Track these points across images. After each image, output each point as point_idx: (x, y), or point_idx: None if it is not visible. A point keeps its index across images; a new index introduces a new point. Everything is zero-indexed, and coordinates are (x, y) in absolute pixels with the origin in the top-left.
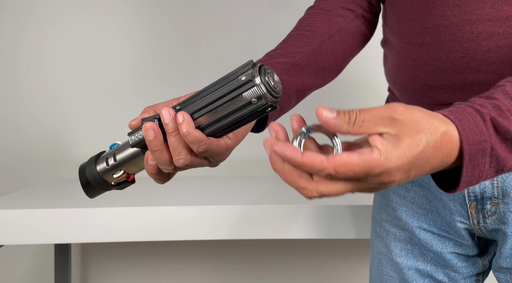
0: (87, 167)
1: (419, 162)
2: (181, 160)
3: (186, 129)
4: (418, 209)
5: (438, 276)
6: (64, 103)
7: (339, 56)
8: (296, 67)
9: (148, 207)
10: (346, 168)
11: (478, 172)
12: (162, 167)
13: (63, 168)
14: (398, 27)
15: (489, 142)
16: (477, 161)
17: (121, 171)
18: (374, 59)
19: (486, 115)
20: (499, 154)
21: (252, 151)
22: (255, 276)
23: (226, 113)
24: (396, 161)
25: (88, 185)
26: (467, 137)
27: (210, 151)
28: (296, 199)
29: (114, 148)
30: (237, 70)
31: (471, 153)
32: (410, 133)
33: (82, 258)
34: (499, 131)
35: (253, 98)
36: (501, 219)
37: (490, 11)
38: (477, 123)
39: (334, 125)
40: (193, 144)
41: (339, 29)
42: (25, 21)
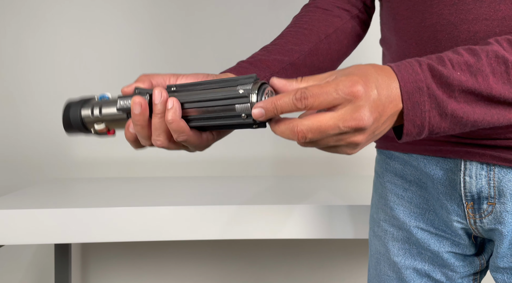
0: (73, 107)
1: (369, 72)
2: (158, 141)
3: (171, 117)
4: (415, 208)
5: (435, 275)
6: (64, 103)
7: (334, 56)
8: (293, 66)
9: (148, 207)
10: (314, 85)
11: (419, 111)
12: (140, 139)
13: (63, 168)
14: (395, 24)
15: (424, 81)
16: (416, 98)
17: (103, 124)
18: (373, 60)
19: (423, 62)
20: (437, 94)
21: (252, 151)
22: (255, 276)
23: (215, 116)
24: (346, 74)
25: (69, 124)
26: (402, 76)
27: (189, 142)
28: (296, 199)
29: (103, 100)
30: (238, 79)
31: (407, 90)
32: (343, 70)
33: (82, 258)
34: (434, 75)
35: (243, 113)
36: (497, 218)
37: (487, 11)
38: (413, 67)
39: (284, 84)
40: (175, 132)
41: (335, 30)
42: (25, 21)
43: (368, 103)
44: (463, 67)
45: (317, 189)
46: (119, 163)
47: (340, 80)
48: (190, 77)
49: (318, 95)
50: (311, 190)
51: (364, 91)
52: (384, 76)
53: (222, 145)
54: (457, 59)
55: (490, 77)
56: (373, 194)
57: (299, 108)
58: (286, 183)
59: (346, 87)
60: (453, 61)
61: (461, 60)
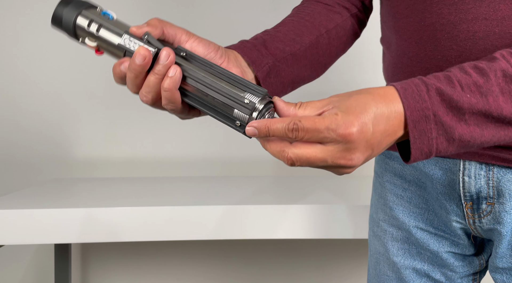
0: (70, 8)
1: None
2: (144, 98)
3: (168, 86)
4: (415, 208)
5: (435, 275)
6: (64, 103)
7: (333, 52)
8: (294, 57)
9: (148, 207)
10: (307, 119)
11: (426, 138)
12: (128, 83)
13: (63, 168)
14: (395, 23)
15: (431, 109)
16: (422, 126)
17: (95, 43)
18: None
19: (431, 85)
20: (444, 121)
21: (252, 151)
22: (255, 276)
23: (211, 106)
24: (345, 117)
25: (59, 22)
26: (408, 104)
27: (175, 111)
28: (296, 199)
29: (105, 19)
30: (250, 86)
31: (414, 118)
32: (343, 101)
33: (82, 258)
34: (444, 99)
35: (238, 121)
36: (496, 218)
37: (487, 10)
38: (420, 92)
39: (283, 107)
40: (166, 99)
41: (335, 26)
42: (25, 21)
43: (361, 145)
44: (473, 88)
45: (317, 189)
46: (119, 163)
47: (335, 118)
48: (203, 43)
49: (309, 131)
50: (311, 190)
51: (358, 134)
52: (384, 107)
53: (222, 144)
54: (466, 80)
55: (500, 97)
56: (372, 194)
57: (290, 137)
58: (286, 183)
59: (339, 129)
60: (461, 82)
61: (470, 81)
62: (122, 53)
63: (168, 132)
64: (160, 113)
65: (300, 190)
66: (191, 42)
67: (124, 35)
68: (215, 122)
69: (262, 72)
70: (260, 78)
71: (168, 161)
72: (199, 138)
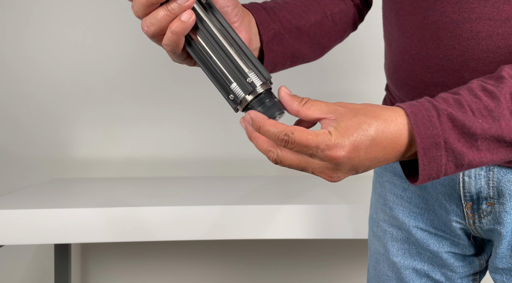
0: None
1: (363, 140)
2: (145, 28)
3: (176, 28)
4: (414, 208)
5: (435, 275)
6: (64, 103)
7: (333, 36)
8: (298, 31)
9: (148, 207)
10: (301, 133)
11: (435, 165)
12: (134, 5)
13: (63, 168)
14: (397, 19)
15: (442, 136)
16: (432, 153)
17: None
18: (373, 56)
19: (442, 111)
20: (455, 147)
21: (252, 151)
22: (255, 276)
23: (211, 67)
24: (339, 138)
25: None
26: (419, 131)
27: (171, 54)
28: (296, 199)
29: None
30: (258, 65)
31: (424, 145)
32: (348, 117)
33: (82, 258)
34: (457, 125)
35: (232, 94)
36: (496, 219)
37: (491, 10)
38: (431, 118)
39: (287, 100)
40: (168, 40)
41: (340, 11)
42: (25, 21)
43: (345, 168)
44: (484, 113)
45: (317, 189)
46: (119, 163)
47: (327, 138)
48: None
49: (299, 145)
50: (311, 190)
51: (345, 159)
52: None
53: (222, 144)
54: (477, 104)
55: (511, 120)
56: (372, 194)
57: (279, 144)
58: (286, 183)
59: (329, 150)
60: (472, 107)
61: (481, 105)
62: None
63: (168, 132)
64: (160, 113)
65: (300, 190)
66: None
67: None
68: (215, 122)
69: (267, 36)
70: (264, 42)
71: (168, 161)
72: (199, 138)
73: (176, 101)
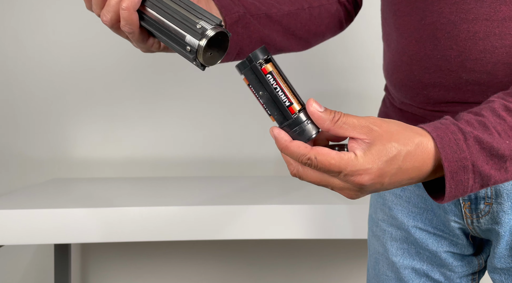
0: None
1: (390, 169)
2: (104, 18)
3: (126, 5)
4: (413, 208)
5: (434, 275)
6: (64, 103)
7: (312, 29)
8: (268, 18)
9: (148, 207)
10: (324, 157)
11: (462, 187)
12: (93, 3)
13: (63, 168)
14: (395, 20)
15: (470, 159)
16: (460, 177)
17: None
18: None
19: (468, 133)
20: (482, 170)
21: (252, 151)
22: (255, 276)
23: (167, 31)
24: (366, 163)
25: None
26: (446, 155)
27: (133, 37)
28: (295, 199)
29: None
30: (206, 14)
31: (451, 169)
32: (382, 141)
33: (82, 258)
34: (484, 148)
35: (189, 46)
36: (494, 219)
37: (488, 11)
38: (457, 141)
39: (319, 118)
40: (123, 20)
41: (320, 5)
42: (25, 21)
43: (367, 191)
44: (510, 133)
45: (317, 189)
46: (119, 163)
47: (352, 163)
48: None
49: (321, 169)
50: (311, 190)
51: (368, 185)
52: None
53: (222, 144)
54: (502, 126)
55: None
56: (372, 194)
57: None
58: (286, 183)
59: (353, 175)
60: (497, 129)
61: (506, 127)
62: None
63: (167, 132)
64: (160, 113)
65: (300, 190)
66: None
67: None
68: (215, 122)
69: (230, 18)
70: (228, 23)
71: (167, 161)
72: (199, 138)
73: (176, 101)
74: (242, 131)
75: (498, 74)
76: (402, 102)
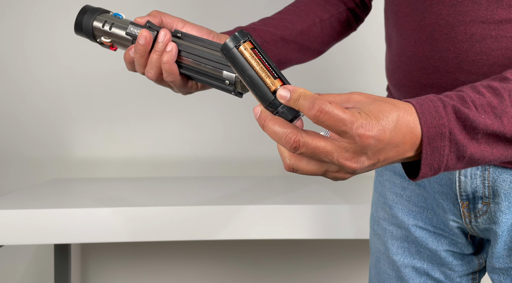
0: (88, 14)
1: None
2: (149, 74)
3: (166, 59)
4: (414, 207)
5: (434, 274)
6: (64, 103)
7: (325, 40)
8: (283, 41)
9: (148, 207)
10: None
11: (438, 155)
12: (136, 65)
13: (63, 168)
14: (396, 21)
15: (448, 126)
16: (436, 143)
17: (109, 39)
18: (375, 59)
19: (447, 102)
20: (458, 139)
21: (252, 151)
22: (255, 276)
23: (204, 72)
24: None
25: (80, 27)
26: (425, 120)
27: (175, 84)
28: (296, 199)
29: (116, 18)
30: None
31: (429, 135)
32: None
33: (82, 258)
34: (459, 117)
35: (227, 80)
36: (492, 218)
37: (485, 13)
38: (437, 108)
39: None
40: (166, 72)
41: (330, 17)
42: (25, 20)
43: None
44: (487, 109)
45: (318, 189)
46: (119, 163)
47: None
48: (196, 29)
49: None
50: (312, 190)
51: (374, 141)
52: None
53: (222, 144)
54: (480, 100)
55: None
56: (373, 193)
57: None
58: (286, 183)
59: (361, 128)
60: (476, 103)
61: (484, 102)
62: (130, 42)
63: (168, 132)
64: (160, 113)
65: (301, 190)
66: (186, 27)
67: (130, 26)
68: (215, 122)
69: None
70: None
71: (168, 161)
72: (199, 138)
73: (176, 102)
74: (242, 131)
75: None
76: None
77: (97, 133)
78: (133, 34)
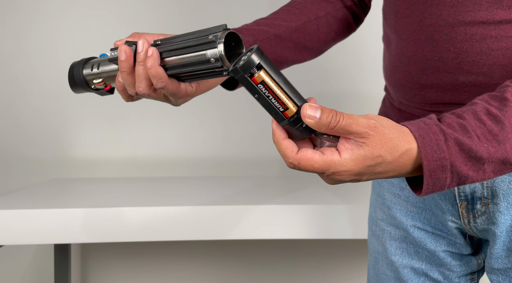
0: (76, 67)
1: (370, 171)
2: (140, 88)
3: (150, 64)
4: (412, 207)
5: (433, 274)
6: (64, 103)
7: (322, 38)
8: (277, 38)
9: (148, 207)
10: (307, 162)
11: (439, 184)
12: (127, 88)
13: (63, 168)
14: (396, 22)
15: (449, 159)
16: (438, 175)
17: (101, 79)
18: (374, 59)
19: (449, 135)
20: (460, 170)
21: (252, 151)
22: (255, 276)
23: (188, 62)
24: (349, 165)
25: (74, 82)
26: (426, 154)
27: (168, 90)
28: (295, 199)
29: (102, 58)
30: (210, 29)
31: (430, 168)
32: (372, 147)
33: (82, 258)
34: (463, 149)
35: (212, 58)
36: (490, 219)
37: (485, 14)
38: (438, 142)
39: (314, 126)
40: (154, 78)
41: (326, 14)
42: (25, 20)
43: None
44: (489, 137)
45: (317, 189)
46: (119, 163)
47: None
48: None
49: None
50: (311, 190)
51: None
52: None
53: (222, 144)
54: (481, 129)
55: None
56: (371, 193)
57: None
58: (286, 183)
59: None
60: (477, 132)
61: (485, 130)
62: (117, 68)
63: (168, 132)
64: (159, 113)
65: (300, 190)
66: None
67: (110, 51)
68: (215, 122)
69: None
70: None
71: (168, 161)
72: (199, 138)
73: None
74: (242, 131)
75: (494, 76)
76: (401, 103)
77: (97, 133)
78: (115, 57)
